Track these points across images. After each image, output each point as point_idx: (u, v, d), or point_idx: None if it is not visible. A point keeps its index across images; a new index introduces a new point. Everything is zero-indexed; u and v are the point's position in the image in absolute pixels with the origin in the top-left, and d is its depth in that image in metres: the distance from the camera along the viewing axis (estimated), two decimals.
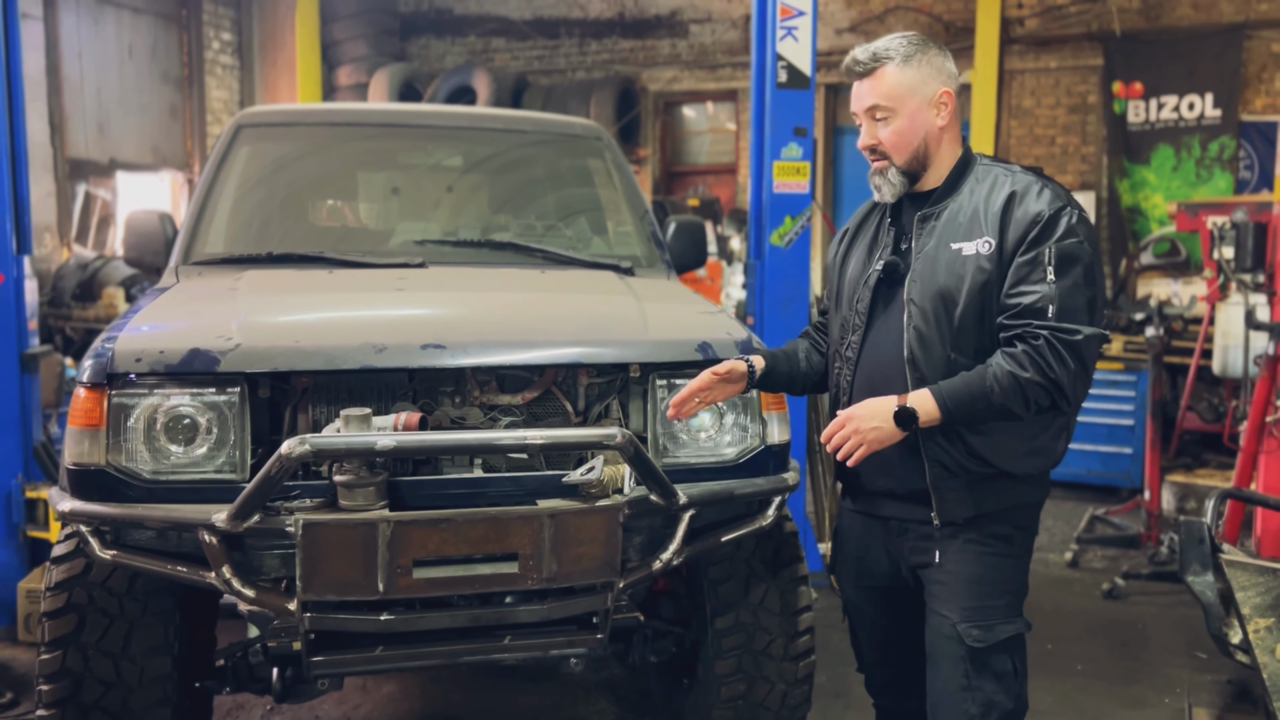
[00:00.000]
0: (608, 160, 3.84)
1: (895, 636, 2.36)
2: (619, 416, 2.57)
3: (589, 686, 3.55)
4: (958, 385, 2.00)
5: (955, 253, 2.07)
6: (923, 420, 2.00)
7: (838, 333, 2.29)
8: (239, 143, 3.56)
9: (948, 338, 2.07)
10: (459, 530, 2.17)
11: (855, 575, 2.36)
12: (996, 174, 2.12)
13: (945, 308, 2.07)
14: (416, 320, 2.58)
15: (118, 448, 2.24)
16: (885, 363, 2.14)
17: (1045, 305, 1.98)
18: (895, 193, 2.17)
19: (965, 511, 2.09)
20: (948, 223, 2.11)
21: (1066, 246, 2.00)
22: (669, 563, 2.41)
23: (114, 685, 2.41)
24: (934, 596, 2.16)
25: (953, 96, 2.12)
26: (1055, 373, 1.96)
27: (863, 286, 2.22)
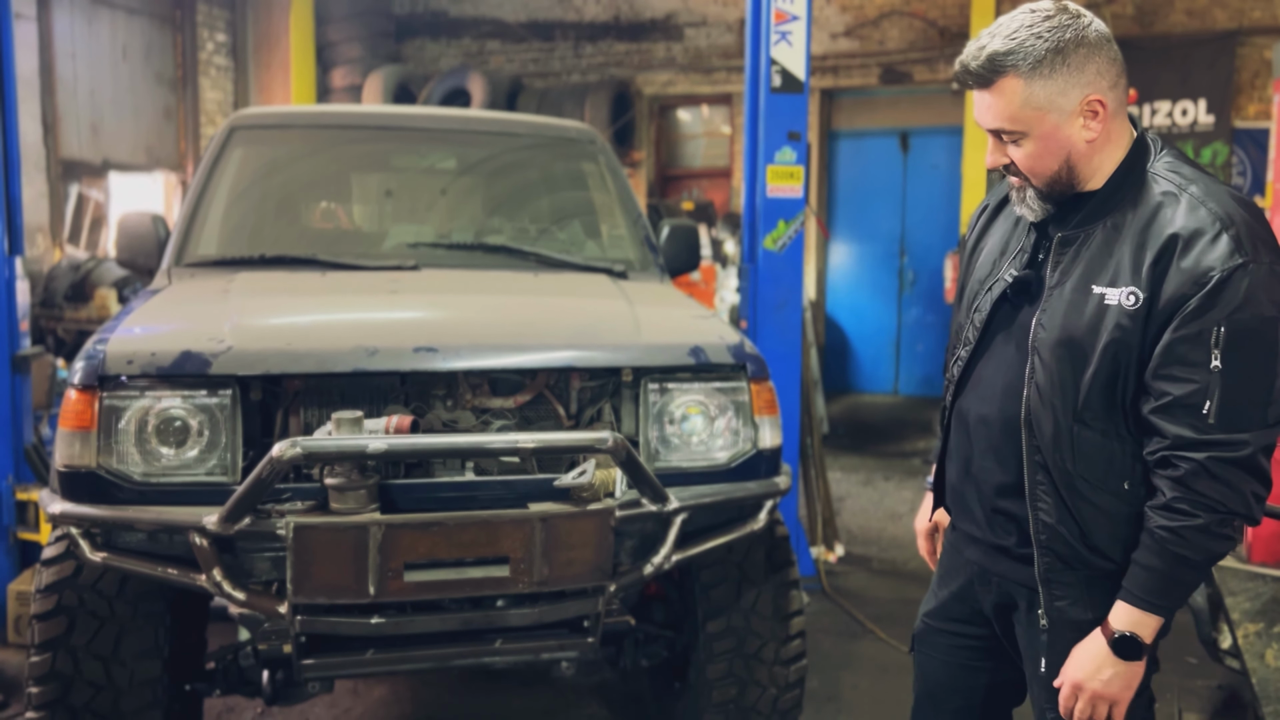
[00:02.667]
0: (601, 164, 3.85)
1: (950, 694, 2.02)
2: (611, 420, 2.57)
3: (580, 691, 3.55)
4: (1145, 578, 1.61)
5: (1097, 298, 1.62)
6: (1149, 639, 1.63)
7: (952, 337, 1.93)
8: (232, 144, 3.56)
9: (1071, 404, 1.64)
10: (450, 533, 2.17)
11: (929, 609, 2.04)
12: (1168, 191, 1.62)
13: (1074, 365, 1.64)
14: (409, 323, 2.58)
15: (109, 450, 2.24)
16: (990, 408, 1.77)
17: (1201, 401, 1.54)
18: (1039, 215, 1.72)
19: (1083, 614, 1.70)
20: (1096, 253, 1.65)
21: (1243, 322, 1.52)
22: (660, 567, 2.41)
23: (104, 688, 2.40)
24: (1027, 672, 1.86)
25: (1105, 102, 1.62)
26: (1225, 505, 1.56)
27: (984, 294, 1.81)
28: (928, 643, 2.04)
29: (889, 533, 5.60)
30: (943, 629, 2.01)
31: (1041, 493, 1.69)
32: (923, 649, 2.07)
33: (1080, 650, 1.66)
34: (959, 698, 2.02)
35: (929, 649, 2.05)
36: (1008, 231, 1.84)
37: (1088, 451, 1.64)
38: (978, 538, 1.86)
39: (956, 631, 1.98)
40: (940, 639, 2.01)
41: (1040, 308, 1.69)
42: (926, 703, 2.08)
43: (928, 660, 2.05)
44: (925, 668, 2.07)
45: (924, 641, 2.05)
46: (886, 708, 3.45)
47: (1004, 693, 2.01)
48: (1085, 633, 1.70)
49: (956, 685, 2.02)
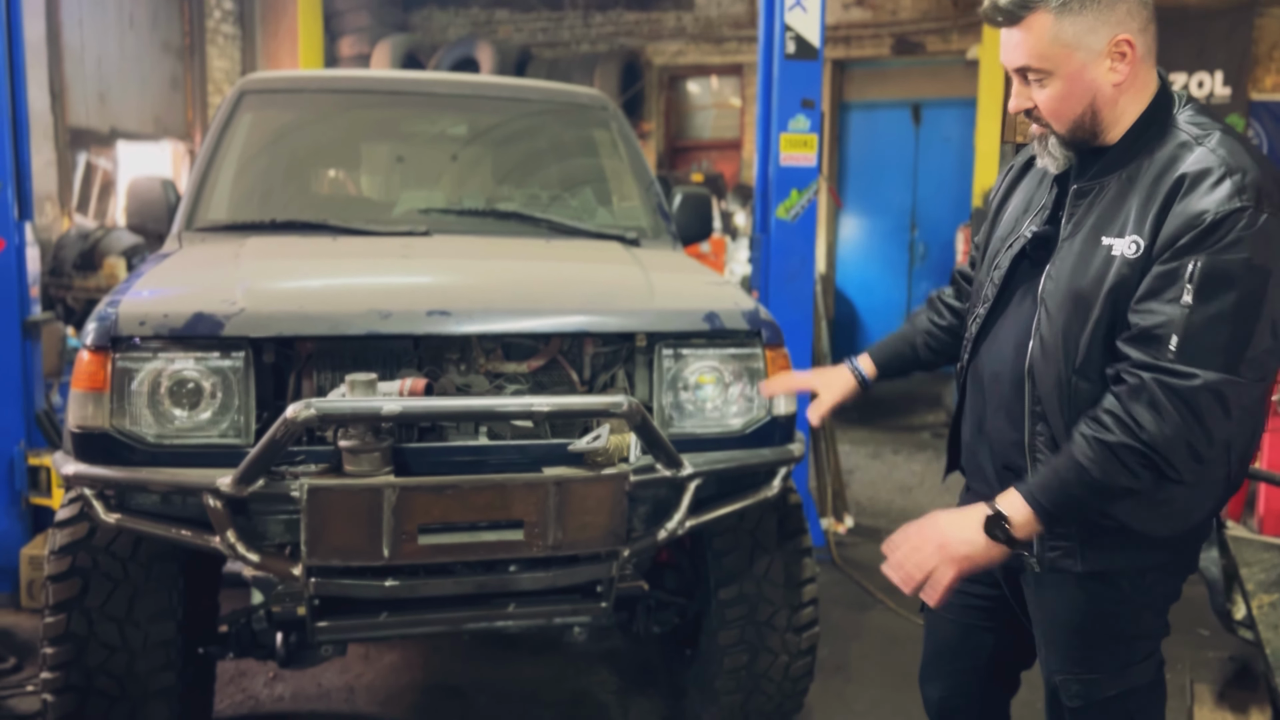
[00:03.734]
0: (613, 130, 3.81)
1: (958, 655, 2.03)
2: (625, 386, 2.55)
3: (590, 658, 3.56)
4: (1045, 474, 1.61)
5: (1104, 249, 1.61)
6: (1020, 532, 1.61)
7: (972, 296, 1.92)
8: (242, 109, 3.54)
9: (1073, 355, 1.63)
10: (464, 497, 2.16)
11: None
12: (1184, 142, 1.59)
13: (1078, 317, 1.62)
14: (422, 287, 2.56)
15: (122, 411, 2.23)
16: (1002, 364, 1.76)
17: (1166, 334, 1.51)
18: (1060, 165, 1.70)
19: (1073, 566, 1.72)
20: (1108, 205, 1.63)
21: (1223, 263, 1.49)
22: (674, 532, 2.40)
23: (118, 649, 2.40)
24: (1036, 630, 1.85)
25: (1134, 44, 1.59)
26: (1146, 432, 1.51)
27: (1004, 251, 1.79)
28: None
29: (898, 505, 5.59)
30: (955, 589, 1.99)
31: (1040, 444, 1.69)
32: (933, 609, 2.05)
33: (960, 511, 1.66)
34: (967, 658, 2.03)
35: (939, 609, 2.02)
36: (1032, 189, 1.83)
37: (1083, 405, 1.63)
38: (988, 496, 1.82)
39: (966, 591, 1.96)
40: (950, 599, 1.98)
41: (1052, 260, 1.68)
42: (935, 662, 2.09)
43: (938, 620, 2.06)
44: (935, 627, 2.08)
45: None
46: (896, 677, 3.45)
47: (1012, 655, 2.02)
48: (1072, 585, 1.73)
49: (965, 646, 2.02)
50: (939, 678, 2.08)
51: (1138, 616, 1.75)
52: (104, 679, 2.41)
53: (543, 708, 3.23)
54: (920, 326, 2.13)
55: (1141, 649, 1.77)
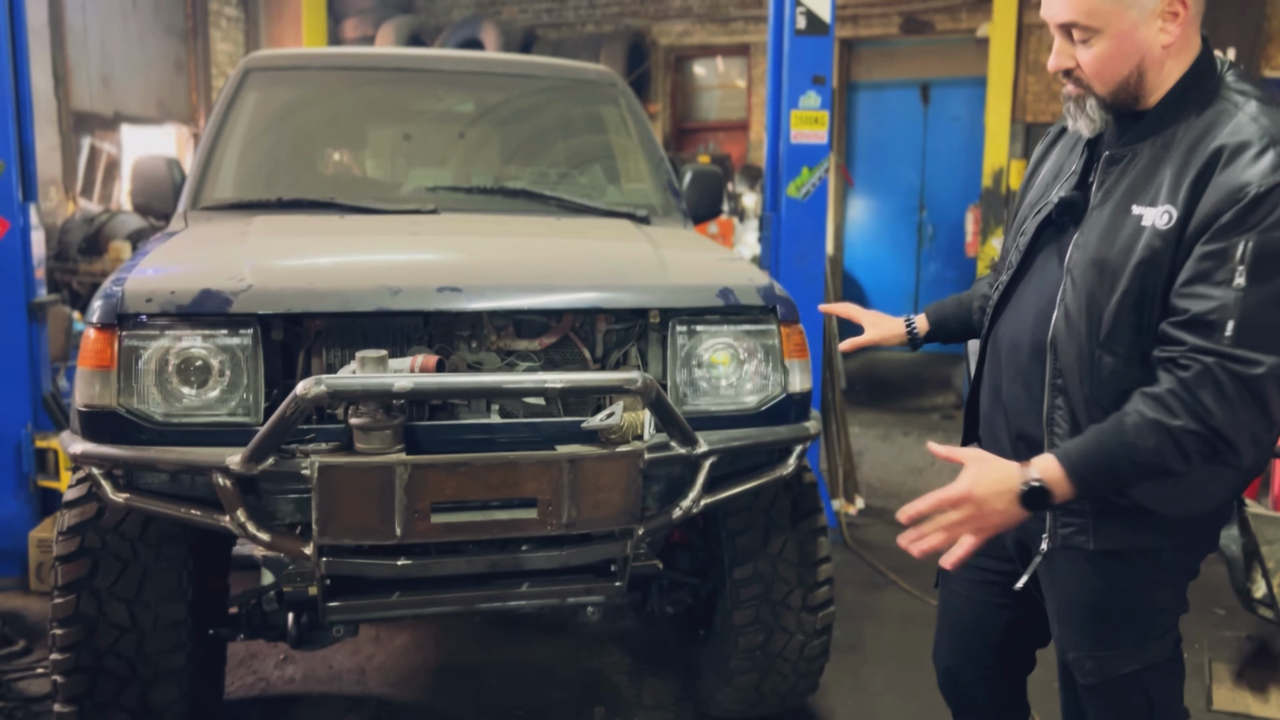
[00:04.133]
0: (622, 107, 3.77)
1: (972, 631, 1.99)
2: (638, 363, 2.52)
3: (603, 639, 3.54)
4: (1089, 447, 1.52)
5: (1135, 219, 1.55)
6: (1056, 501, 1.53)
7: (997, 264, 1.88)
8: (247, 86, 3.50)
9: (1097, 328, 1.58)
10: (477, 475, 2.13)
11: None
12: (1222, 109, 1.54)
13: (1103, 288, 1.57)
14: (432, 264, 2.52)
15: (129, 390, 2.20)
16: (1022, 333, 1.71)
17: (1222, 319, 1.45)
18: (1095, 128, 1.64)
19: (1085, 543, 1.68)
20: (1141, 173, 1.57)
21: (1274, 241, 1.43)
22: (689, 510, 2.37)
23: (128, 630, 2.38)
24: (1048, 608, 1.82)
25: (1187, 4, 1.54)
26: (1215, 418, 1.45)
27: (1032, 218, 1.75)
28: (952, 578, 2.01)
29: (909, 486, 5.56)
30: (969, 563, 1.93)
31: (1059, 417, 1.65)
32: (947, 585, 2.04)
33: (994, 468, 1.53)
34: (981, 635, 2.00)
35: (953, 584, 2.02)
36: (1064, 156, 1.78)
37: (1105, 379, 1.58)
38: None
39: (981, 567, 1.94)
40: (965, 574, 1.97)
41: (1080, 228, 1.63)
42: (948, 638, 2.06)
43: (952, 596, 2.03)
44: (949, 604, 2.05)
45: (949, 577, 2.02)
46: (910, 657, 3.43)
47: (1027, 632, 1.99)
48: (1084, 561, 1.68)
49: (979, 622, 1.99)
50: (953, 654, 2.05)
51: (1154, 593, 1.70)
52: (114, 660, 2.39)
53: (555, 688, 3.21)
54: (979, 291, 2.07)
55: (1158, 625, 1.72)
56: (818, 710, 3.08)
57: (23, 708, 3.00)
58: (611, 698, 3.15)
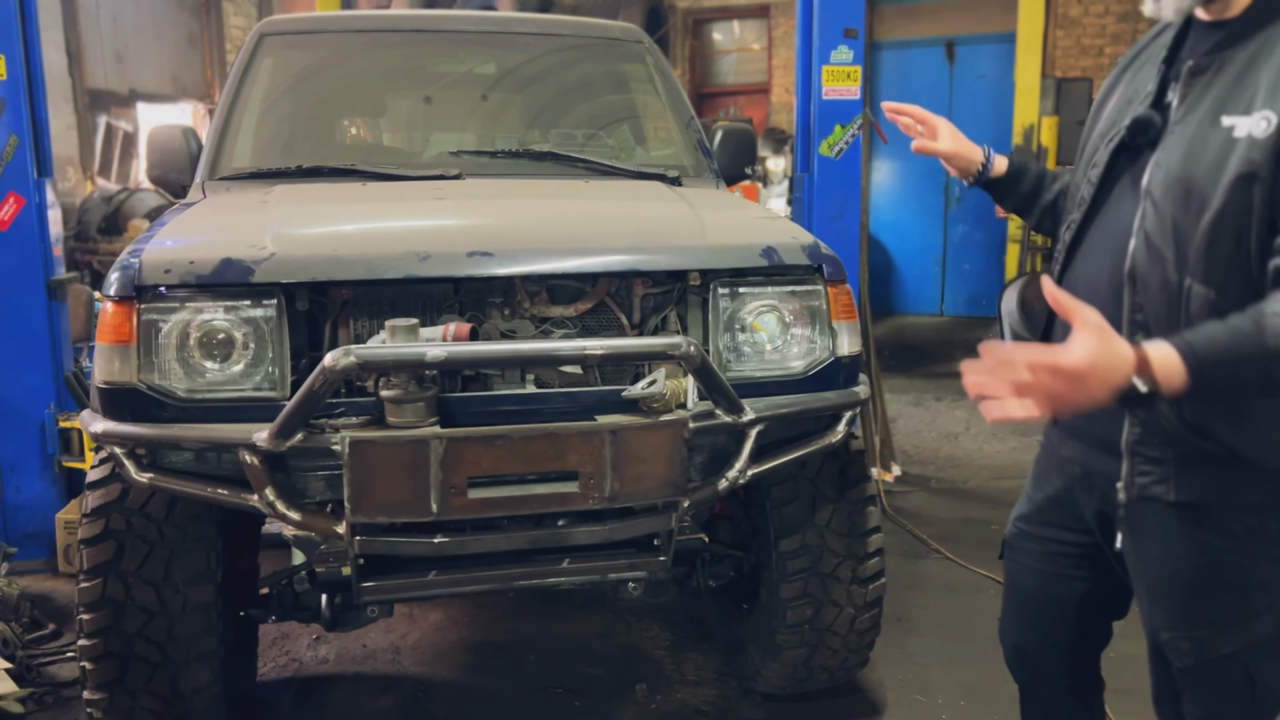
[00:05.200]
0: (649, 64, 3.63)
1: (1041, 608, 1.86)
2: (677, 328, 2.40)
3: (640, 612, 3.45)
4: (1221, 341, 1.32)
5: (1225, 132, 1.41)
6: (1162, 390, 1.32)
7: (1066, 202, 1.74)
8: (261, 53, 3.38)
9: (1184, 255, 1.43)
10: (515, 447, 2.03)
11: (1020, 513, 1.89)
12: None
13: (1190, 210, 1.42)
14: (461, 228, 2.41)
15: (150, 365, 2.11)
16: (1099, 272, 1.55)
17: None
18: (1182, 9, 1.48)
19: (1166, 494, 1.53)
20: (1231, 82, 1.43)
21: None
22: (735, 481, 2.26)
23: (157, 614, 2.31)
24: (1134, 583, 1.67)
25: None
26: None
27: (1103, 146, 1.61)
28: (1020, 550, 1.89)
29: (945, 452, 5.44)
30: (1038, 534, 1.85)
31: None
32: (1014, 556, 1.91)
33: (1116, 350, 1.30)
34: (1053, 609, 1.87)
35: (1021, 556, 1.89)
36: (1140, 77, 1.63)
37: (1197, 311, 1.43)
38: (1081, 428, 1.68)
39: (1053, 538, 1.82)
40: (1034, 545, 1.86)
41: (1160, 148, 1.49)
42: (1017, 614, 1.93)
43: (1019, 569, 1.91)
44: (1016, 576, 1.92)
45: (1016, 549, 1.90)
46: (957, 628, 3.33)
47: (1103, 605, 1.86)
48: (1165, 515, 1.54)
49: (1051, 595, 1.86)
50: (1023, 630, 1.93)
51: (1254, 565, 1.54)
52: (143, 645, 2.31)
53: (594, 663, 3.13)
54: (1065, 177, 1.89)
55: (1261, 601, 1.55)
56: (866, 684, 2.98)
57: (53, 693, 2.94)
58: (652, 673, 3.06)
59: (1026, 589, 1.90)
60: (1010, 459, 5.25)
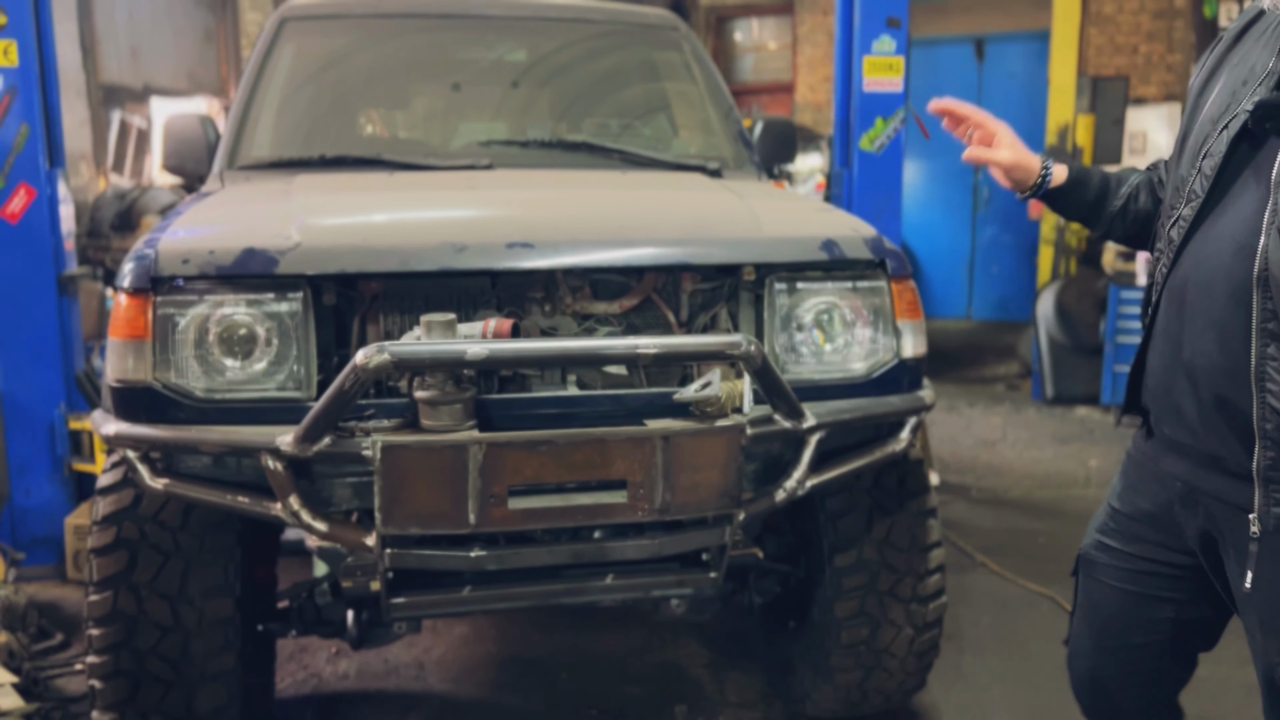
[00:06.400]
0: (686, 52, 3.47)
1: (1121, 630, 1.70)
2: (728, 327, 2.24)
3: (676, 628, 3.28)
4: None
5: None
6: None
7: (1169, 198, 1.58)
8: (282, 38, 3.24)
9: None
10: (561, 454, 1.87)
11: (1102, 526, 1.73)
12: None
13: None
14: (499, 218, 2.25)
15: (166, 362, 1.95)
16: (1215, 272, 1.41)
17: None
18: None
19: None
20: None
21: None
22: (793, 493, 2.10)
23: (171, 629, 2.15)
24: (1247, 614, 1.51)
25: None
26: None
27: (1216, 135, 1.45)
28: (1102, 566, 1.72)
29: (983, 460, 5.25)
30: (1125, 550, 1.68)
31: (1272, 369, 1.35)
32: (1094, 574, 1.73)
33: None
34: (1139, 633, 1.69)
35: (1103, 574, 1.72)
36: (1251, 59, 1.47)
37: None
38: (1185, 444, 1.52)
39: (1143, 555, 1.65)
40: (1120, 562, 1.68)
41: None
42: (1094, 637, 1.75)
43: (1100, 588, 1.73)
44: (1096, 596, 1.74)
45: (1096, 564, 1.73)
46: (1013, 644, 3.15)
47: (1193, 634, 1.69)
48: None
49: (1137, 619, 1.68)
50: (1100, 655, 1.75)
51: None
52: (156, 663, 2.16)
53: (630, 682, 2.96)
54: (1133, 179, 1.77)
55: None
56: (921, 707, 2.81)
57: (61, 708, 2.79)
58: (692, 694, 2.89)
59: (1108, 610, 1.73)
60: (1053, 467, 5.06)
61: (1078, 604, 1.80)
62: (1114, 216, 1.76)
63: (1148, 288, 1.63)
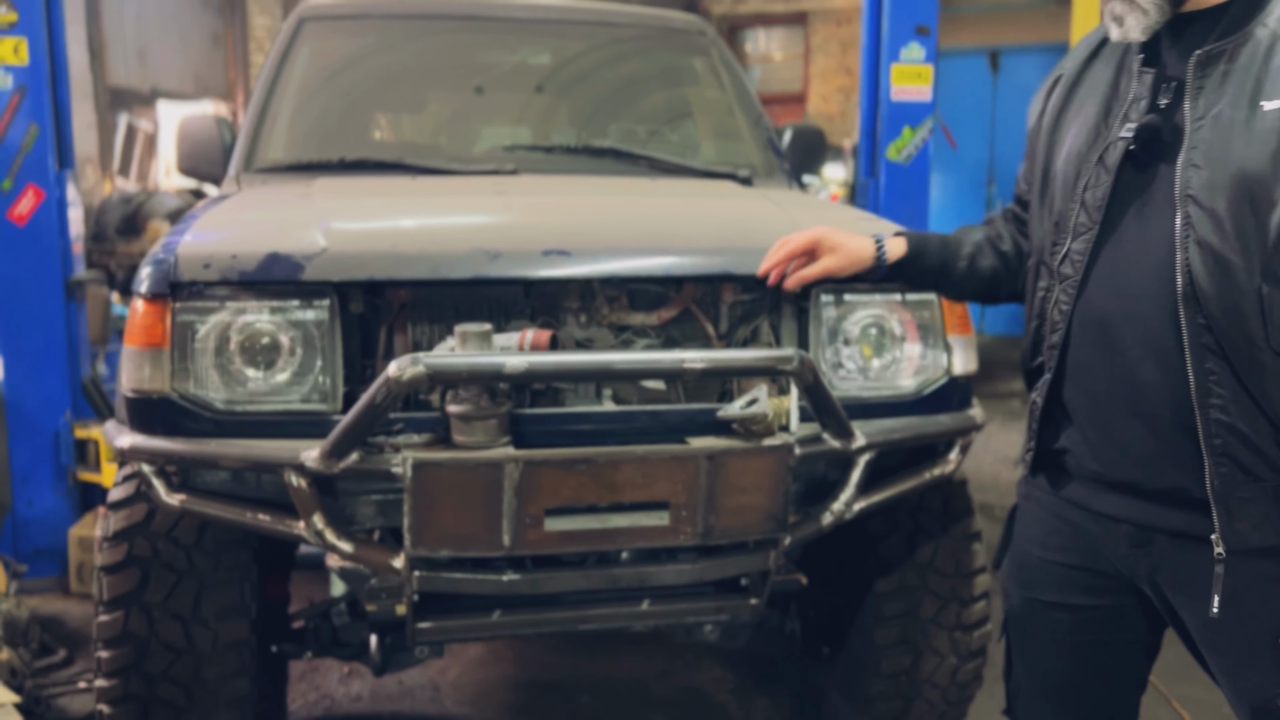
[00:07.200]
0: (714, 58, 3.38)
1: (1079, 683, 1.58)
2: (770, 340, 2.14)
3: (699, 651, 3.18)
4: None
5: (1272, 116, 1.28)
6: None
7: (1045, 235, 1.53)
8: (301, 38, 3.15)
9: (1256, 259, 1.28)
10: (600, 473, 1.77)
11: (1031, 582, 1.59)
12: None
13: (1253, 208, 1.27)
14: (534, 225, 2.15)
15: (184, 372, 1.85)
16: (1136, 299, 1.37)
17: None
18: (1149, 25, 1.37)
19: (1272, 538, 1.34)
20: (1258, 64, 1.31)
21: None
22: (841, 516, 2.00)
23: (184, 652, 2.04)
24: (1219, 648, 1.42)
25: None
26: None
27: (1095, 165, 1.43)
28: (1039, 623, 1.58)
29: (1004, 478, 5.16)
30: (1064, 603, 1.54)
31: (1213, 384, 1.31)
32: (1031, 631, 1.60)
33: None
34: (1099, 684, 1.57)
35: (1041, 631, 1.58)
36: (1105, 90, 1.47)
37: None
38: (1133, 482, 1.42)
39: (1086, 604, 1.53)
40: (1062, 615, 1.55)
41: (1187, 148, 1.33)
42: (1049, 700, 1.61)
43: (1042, 648, 1.59)
44: (1039, 658, 1.60)
45: (1032, 622, 1.59)
46: None
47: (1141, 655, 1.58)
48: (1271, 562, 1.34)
49: (1095, 667, 1.56)
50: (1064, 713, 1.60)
51: None
52: (168, 687, 2.05)
53: (653, 708, 2.86)
54: (973, 238, 1.75)
55: None
56: None
57: None
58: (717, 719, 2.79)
59: (1058, 670, 1.58)
60: None
61: (1017, 671, 1.65)
62: (962, 278, 1.74)
63: (1036, 329, 1.55)
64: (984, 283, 1.74)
